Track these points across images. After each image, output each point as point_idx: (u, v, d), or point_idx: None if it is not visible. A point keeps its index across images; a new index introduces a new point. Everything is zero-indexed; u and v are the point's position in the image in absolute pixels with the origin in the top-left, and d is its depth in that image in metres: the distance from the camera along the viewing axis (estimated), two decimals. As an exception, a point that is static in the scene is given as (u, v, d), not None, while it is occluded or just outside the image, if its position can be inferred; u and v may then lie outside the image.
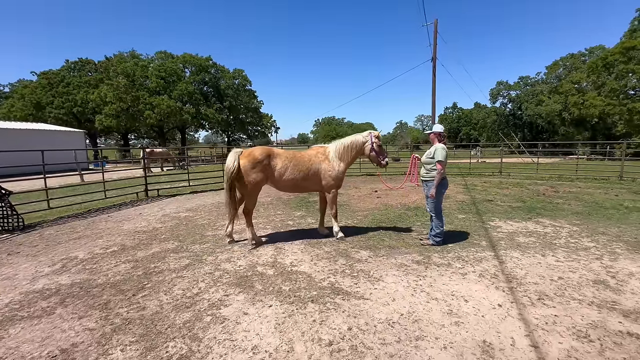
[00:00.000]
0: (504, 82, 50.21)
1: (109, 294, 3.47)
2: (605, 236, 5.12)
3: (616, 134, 29.11)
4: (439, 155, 4.49)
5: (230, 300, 3.27)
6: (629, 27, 30.80)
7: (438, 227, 4.71)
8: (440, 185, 4.59)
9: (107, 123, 33.48)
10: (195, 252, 4.72)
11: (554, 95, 36.73)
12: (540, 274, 3.74)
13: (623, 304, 3.04)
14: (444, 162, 4.48)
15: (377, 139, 5.13)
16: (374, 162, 5.22)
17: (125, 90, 32.47)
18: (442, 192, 4.71)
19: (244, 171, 4.68)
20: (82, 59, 40.22)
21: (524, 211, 6.93)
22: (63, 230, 6.17)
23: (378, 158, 5.12)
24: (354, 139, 5.15)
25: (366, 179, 13.43)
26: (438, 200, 4.68)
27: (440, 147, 4.56)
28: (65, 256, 4.69)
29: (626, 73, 26.97)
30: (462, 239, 5.11)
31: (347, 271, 3.93)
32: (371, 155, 5.13)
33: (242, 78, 43.33)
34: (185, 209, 7.88)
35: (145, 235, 5.71)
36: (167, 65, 35.97)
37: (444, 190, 4.74)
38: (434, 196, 4.60)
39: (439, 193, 4.65)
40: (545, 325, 2.73)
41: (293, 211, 7.44)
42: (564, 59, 41.98)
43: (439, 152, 4.51)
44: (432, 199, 4.64)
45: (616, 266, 3.94)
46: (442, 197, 4.75)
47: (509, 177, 13.38)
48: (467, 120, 65.55)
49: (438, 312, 2.97)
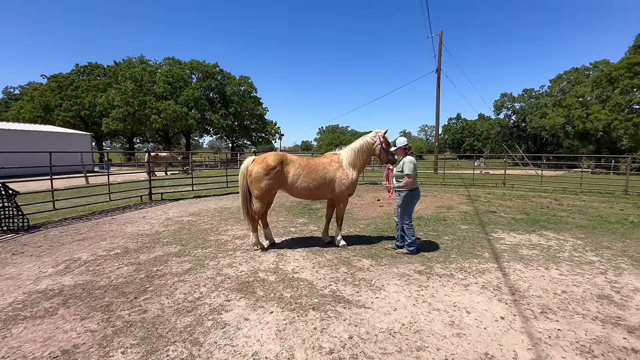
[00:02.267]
0: (508, 94, 50.44)
1: (111, 296, 3.48)
2: (609, 250, 5.08)
3: (621, 148, 28.98)
4: (407, 169, 4.64)
5: (232, 305, 3.27)
6: (633, 43, 30.97)
7: (410, 236, 4.77)
8: (411, 196, 4.75)
9: (113, 126, 33.94)
10: (197, 257, 4.74)
11: (558, 108, 36.77)
12: (543, 287, 3.71)
13: (628, 320, 3.01)
14: (411, 174, 4.62)
15: (384, 137, 5.14)
16: (383, 161, 5.22)
17: (132, 94, 32.97)
18: (414, 202, 4.83)
19: (256, 177, 4.72)
20: (91, 64, 41.03)
21: (528, 223, 6.89)
22: (67, 231, 6.22)
23: (388, 156, 5.11)
24: (363, 142, 5.13)
25: (369, 188, 13.44)
26: (409, 210, 4.81)
27: (408, 161, 4.71)
28: (68, 257, 4.72)
29: (631, 88, 27.00)
30: (464, 250, 5.09)
31: (349, 279, 3.92)
32: (381, 154, 5.13)
33: (248, 85, 43.84)
34: (188, 213, 7.92)
35: (148, 238, 5.73)
36: (175, 71, 36.52)
37: (416, 200, 4.85)
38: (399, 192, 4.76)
39: (410, 203, 4.78)
40: (548, 339, 2.71)
41: (295, 218, 7.45)
42: (568, 73, 42.14)
43: (407, 166, 4.67)
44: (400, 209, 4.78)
45: (621, 281, 3.90)
46: (413, 207, 4.86)
47: (513, 189, 13.33)
48: (471, 131, 65.63)
49: (440, 323, 2.95)
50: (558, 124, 35.23)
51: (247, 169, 4.85)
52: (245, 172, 4.87)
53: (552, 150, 44.32)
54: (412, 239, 4.78)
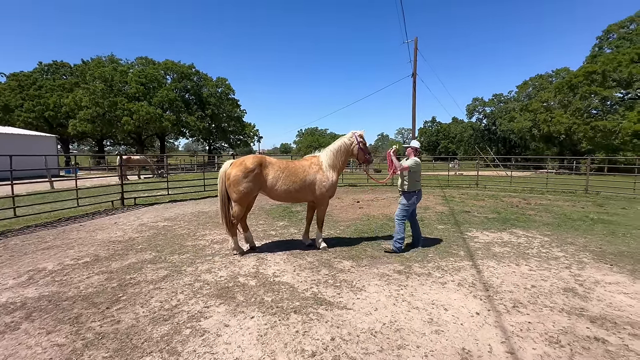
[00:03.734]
0: (480, 98, 52.76)
1: (80, 307, 3.29)
2: (573, 246, 5.41)
3: (581, 150, 31.03)
4: (408, 162, 5.07)
5: (211, 312, 3.19)
6: (590, 53, 33.41)
7: (400, 232, 5.04)
8: (415, 197, 5.09)
9: (81, 128, 32.18)
10: (174, 263, 4.58)
11: (525, 112, 38.86)
12: (514, 283, 3.90)
13: (590, 310, 3.22)
14: (411, 167, 5.03)
15: (360, 137, 5.23)
16: (360, 160, 5.32)
17: (102, 95, 31.46)
18: (415, 202, 5.15)
19: (235, 180, 4.64)
20: (56, 62, 38.79)
21: (499, 222, 7.21)
22: (30, 240, 5.82)
23: (365, 156, 5.25)
24: (341, 143, 5.18)
25: (348, 190, 13.56)
26: (407, 210, 5.10)
27: (414, 159, 5.12)
28: (32, 267, 4.42)
29: (589, 94, 29.03)
30: (441, 248, 5.25)
31: (330, 281, 3.94)
32: (359, 154, 5.24)
33: (225, 87, 43.08)
34: (163, 218, 7.65)
35: (121, 245, 5.48)
36: (148, 72, 35.23)
37: (417, 201, 5.18)
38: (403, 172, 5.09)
39: (411, 203, 5.09)
40: (520, 332, 2.84)
41: (276, 221, 7.39)
42: (533, 79, 44.73)
43: (410, 161, 5.10)
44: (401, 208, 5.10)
45: (583, 274, 4.17)
46: (412, 207, 5.15)
47: (485, 190, 13.92)
48: (446, 134, 67.89)
49: (419, 321, 3.03)
50: (525, 128, 37.23)
51: (226, 172, 4.77)
52: (223, 176, 4.78)
53: (520, 152, 46.75)
54: (401, 236, 5.03)
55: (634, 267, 4.43)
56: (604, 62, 28.14)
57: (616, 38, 31.13)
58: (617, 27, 31.37)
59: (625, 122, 25.79)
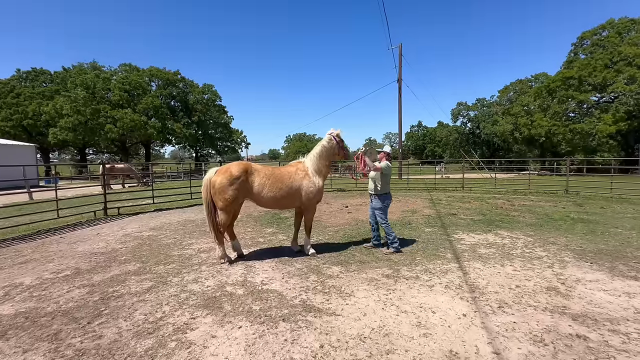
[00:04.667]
0: (463, 103, 53.95)
1: (59, 323, 3.17)
2: (555, 246, 5.57)
3: (561, 152, 32.09)
4: (383, 164, 5.37)
5: (197, 323, 3.12)
6: (566, 58, 34.75)
7: (390, 234, 5.29)
8: (387, 198, 5.42)
9: (62, 137, 31.25)
10: (159, 274, 4.47)
11: (507, 116, 40.00)
12: (500, 283, 3.97)
13: (572, 308, 3.31)
14: (384, 169, 5.32)
15: (338, 137, 5.26)
16: (341, 157, 5.40)
17: (84, 102, 30.72)
18: (388, 204, 5.48)
19: (220, 188, 4.59)
20: (35, 69, 37.70)
21: (485, 224, 7.36)
22: (7, 254, 5.58)
23: (344, 152, 5.34)
24: (322, 147, 5.21)
25: (337, 194, 13.60)
26: (386, 211, 5.46)
27: (386, 163, 5.41)
28: (8, 283, 4.23)
29: (566, 98, 30.17)
30: (429, 251, 5.31)
31: (319, 287, 3.92)
32: (340, 152, 5.30)
33: (212, 93, 42.77)
34: (148, 228, 7.47)
35: (103, 257, 5.32)
36: (132, 78, 34.63)
37: (389, 202, 5.51)
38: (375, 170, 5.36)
39: (386, 205, 5.43)
40: (505, 332, 2.89)
41: (264, 228, 7.33)
42: (514, 84, 46.13)
43: (384, 164, 5.38)
44: (380, 212, 5.38)
45: (565, 273, 4.29)
46: (387, 208, 5.50)
47: (471, 192, 14.20)
48: (432, 138, 69.05)
49: (407, 324, 3.04)
50: (507, 131, 38.27)
51: (210, 180, 4.71)
52: (208, 184, 4.72)
53: (504, 154, 47.95)
54: (393, 235, 5.29)
55: (612, 264, 4.59)
56: (580, 68, 29.36)
57: (590, 44, 32.53)
58: (590, 34, 32.80)
59: (601, 125, 26.90)
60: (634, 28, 29.47)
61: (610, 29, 30.94)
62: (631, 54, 26.56)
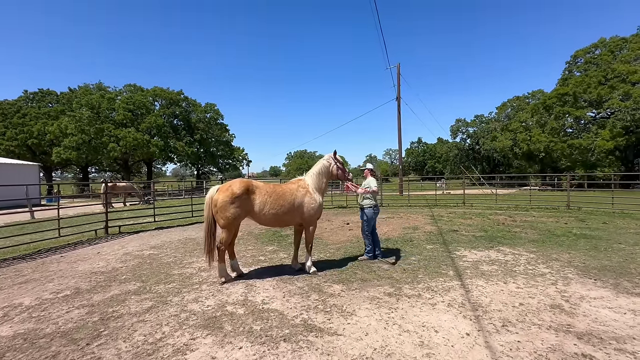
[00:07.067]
0: (462, 119, 54.70)
1: (58, 344, 3.13)
2: (558, 262, 5.52)
3: (561, 167, 32.20)
4: (373, 185, 5.83)
5: (197, 344, 3.08)
6: (561, 76, 35.54)
7: (367, 245, 5.91)
8: (373, 213, 5.86)
9: (65, 155, 31.66)
10: (159, 293, 4.44)
11: (505, 132, 40.45)
12: (503, 301, 3.93)
13: (577, 327, 3.26)
14: (376, 189, 5.83)
15: (335, 157, 5.51)
16: (340, 179, 5.54)
17: (88, 122, 31.30)
18: (375, 217, 5.94)
19: (222, 206, 4.62)
20: (42, 90, 38.68)
21: (486, 240, 7.32)
22: (7, 273, 5.56)
23: (344, 174, 5.52)
24: (321, 166, 5.39)
25: (338, 212, 13.58)
26: (372, 224, 5.92)
27: (373, 180, 5.94)
28: (7, 304, 4.20)
29: (563, 114, 30.60)
30: (431, 269, 5.27)
31: (320, 307, 3.88)
32: (338, 173, 5.46)
33: (214, 112, 43.55)
34: (149, 247, 7.45)
35: (104, 276, 5.29)
36: (136, 98, 35.43)
37: (376, 216, 5.96)
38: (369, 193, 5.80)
39: (371, 217, 5.86)
40: (509, 351, 2.84)
41: (264, 246, 7.30)
42: (511, 101, 46.95)
43: (373, 182, 5.88)
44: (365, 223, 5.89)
45: (569, 290, 4.24)
46: (374, 220, 5.95)
47: (472, 208, 14.16)
48: (432, 154, 69.53)
49: (410, 344, 3.00)
50: (507, 146, 38.59)
51: (212, 199, 4.76)
52: (210, 202, 4.77)
53: (504, 170, 48.11)
54: (369, 247, 5.91)
55: (616, 281, 4.54)
56: (575, 85, 29.95)
57: (583, 62, 33.32)
58: (583, 53, 33.67)
59: (599, 140, 27.11)
60: (625, 46, 30.27)
61: (603, 47, 31.80)
62: (624, 71, 27.15)
